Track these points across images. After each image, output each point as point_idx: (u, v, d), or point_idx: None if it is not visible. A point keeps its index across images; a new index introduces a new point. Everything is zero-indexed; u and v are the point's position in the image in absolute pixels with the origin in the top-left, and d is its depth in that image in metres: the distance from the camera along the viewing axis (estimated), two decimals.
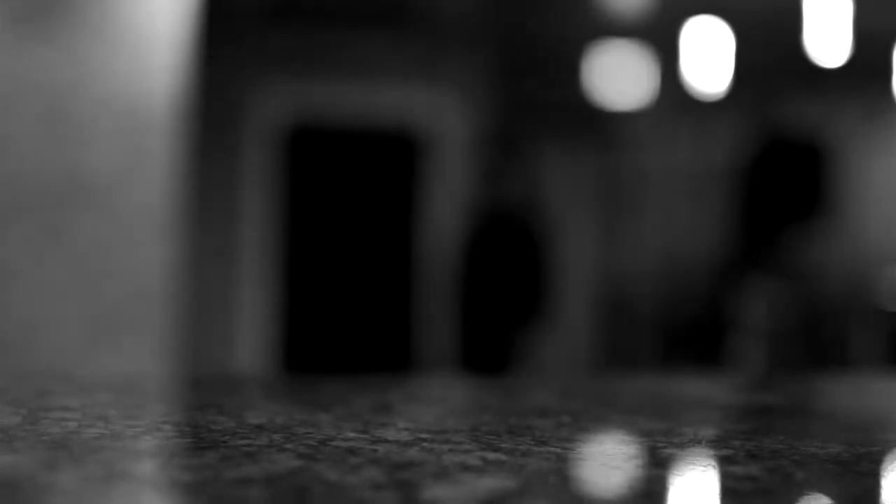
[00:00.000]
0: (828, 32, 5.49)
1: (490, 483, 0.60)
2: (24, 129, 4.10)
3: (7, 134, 4.08)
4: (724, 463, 0.68)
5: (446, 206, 6.65)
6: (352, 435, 0.74)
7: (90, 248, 4.11)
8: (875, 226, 6.62)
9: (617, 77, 6.77)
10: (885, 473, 0.66)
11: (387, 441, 0.72)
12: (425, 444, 0.72)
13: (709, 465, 0.67)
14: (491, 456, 0.68)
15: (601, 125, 7.02)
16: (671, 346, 6.44)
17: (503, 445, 0.72)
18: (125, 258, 4.14)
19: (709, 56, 6.13)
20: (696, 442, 0.78)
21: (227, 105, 6.28)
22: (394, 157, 6.72)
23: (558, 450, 0.75)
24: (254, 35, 6.37)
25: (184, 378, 1.15)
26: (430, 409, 0.92)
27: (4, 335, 4.02)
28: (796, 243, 5.50)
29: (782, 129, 5.53)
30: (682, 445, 0.76)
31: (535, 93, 7.10)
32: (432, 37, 6.66)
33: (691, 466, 0.67)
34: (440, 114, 6.69)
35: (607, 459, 0.70)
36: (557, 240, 6.94)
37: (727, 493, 0.59)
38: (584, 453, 0.78)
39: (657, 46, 6.64)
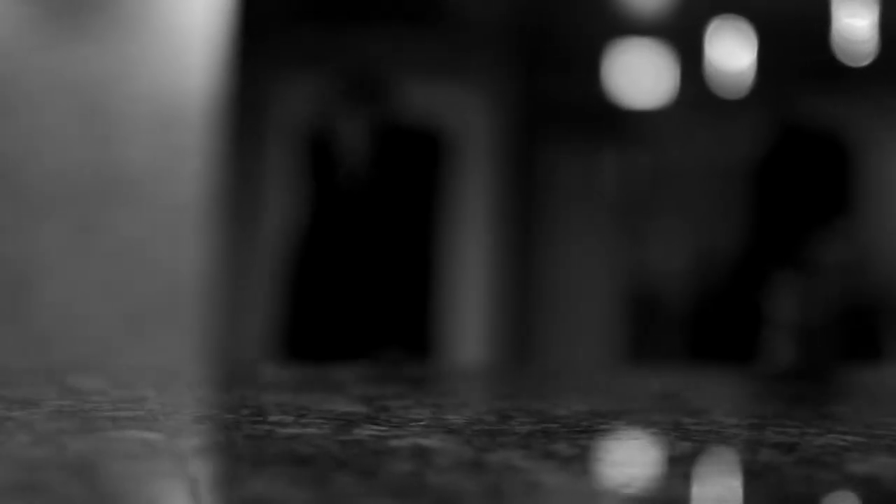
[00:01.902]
0: (852, 31, 5.55)
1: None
2: (61, 124, 4.15)
3: (44, 129, 4.14)
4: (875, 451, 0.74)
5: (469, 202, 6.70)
6: (563, 412, 0.81)
7: (126, 243, 4.17)
8: None
9: (639, 75, 6.84)
10: None
11: (600, 422, 0.79)
12: (619, 422, 0.78)
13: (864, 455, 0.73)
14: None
15: (623, 123, 7.09)
16: (699, 342, 6.50)
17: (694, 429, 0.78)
18: (160, 253, 4.20)
19: (731, 54, 6.19)
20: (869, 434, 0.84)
21: (260, 102, 6.36)
22: (418, 153, 6.78)
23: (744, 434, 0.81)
24: (286, 32, 6.44)
25: (307, 371, 1.21)
26: (584, 395, 0.99)
27: (42, 328, 4.09)
28: (824, 239, 5.55)
29: (806, 127, 5.59)
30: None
31: (557, 91, 7.16)
32: (456, 35, 6.73)
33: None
34: (464, 111, 6.75)
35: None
36: (580, 238, 7.00)
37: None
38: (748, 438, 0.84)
39: (679, 45, 6.70)
